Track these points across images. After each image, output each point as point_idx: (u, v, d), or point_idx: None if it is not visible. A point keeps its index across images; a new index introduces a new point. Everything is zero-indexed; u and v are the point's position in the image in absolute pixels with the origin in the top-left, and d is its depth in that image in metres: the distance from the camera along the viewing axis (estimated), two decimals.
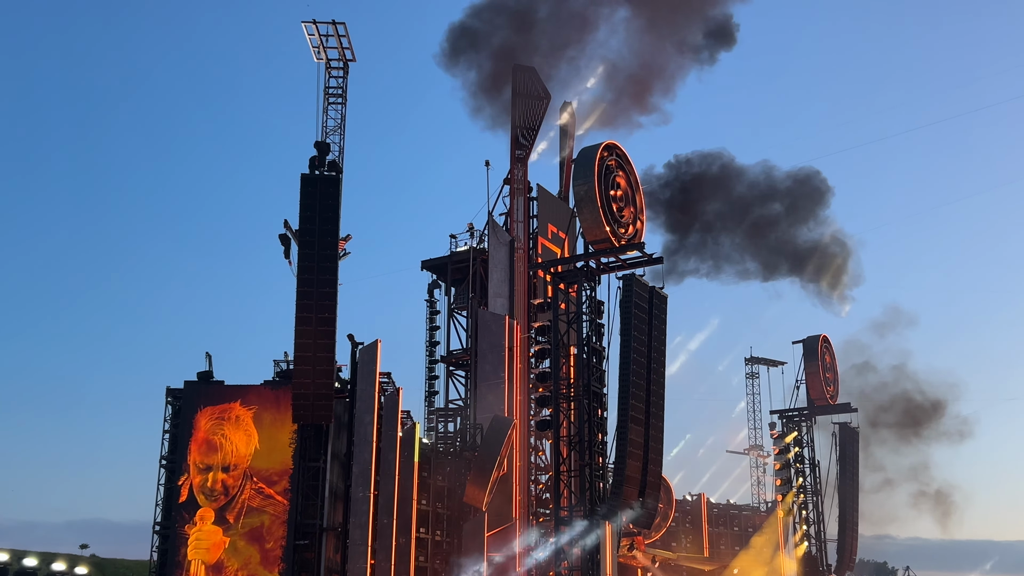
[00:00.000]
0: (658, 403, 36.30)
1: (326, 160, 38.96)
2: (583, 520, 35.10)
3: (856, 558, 67.58)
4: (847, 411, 64.60)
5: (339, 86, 40.44)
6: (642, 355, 35.70)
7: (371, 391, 36.48)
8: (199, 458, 37.28)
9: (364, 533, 35.22)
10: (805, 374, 64.91)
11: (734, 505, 67.61)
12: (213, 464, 37.15)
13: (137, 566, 63.31)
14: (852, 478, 63.95)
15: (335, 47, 40.00)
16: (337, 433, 37.20)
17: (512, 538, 38.72)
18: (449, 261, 45.26)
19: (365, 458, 35.97)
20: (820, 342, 64.94)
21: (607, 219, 36.89)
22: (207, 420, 37.64)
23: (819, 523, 64.14)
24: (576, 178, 37.67)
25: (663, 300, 36.95)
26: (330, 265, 36.74)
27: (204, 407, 37.82)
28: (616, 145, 38.79)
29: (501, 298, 42.34)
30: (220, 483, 36.92)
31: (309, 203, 37.05)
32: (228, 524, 36.54)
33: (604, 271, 37.51)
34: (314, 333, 35.95)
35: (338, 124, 39.96)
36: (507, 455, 38.40)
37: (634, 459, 34.93)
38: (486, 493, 37.16)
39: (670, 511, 55.85)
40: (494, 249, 43.24)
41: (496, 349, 40.78)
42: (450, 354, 44.98)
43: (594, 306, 37.07)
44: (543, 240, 44.88)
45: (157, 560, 37.27)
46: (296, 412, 36.47)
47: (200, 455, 37.31)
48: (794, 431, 63.91)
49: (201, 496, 36.91)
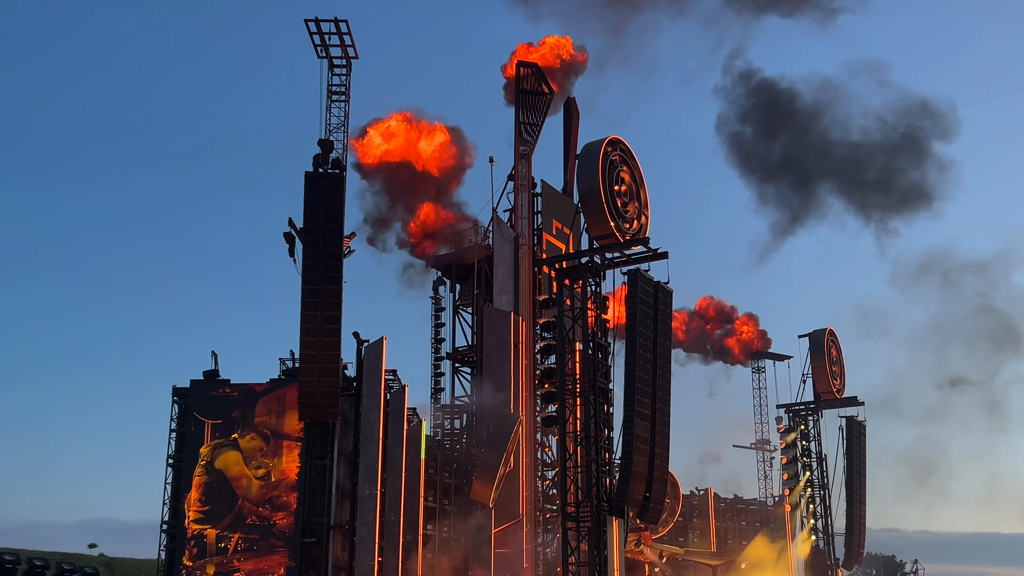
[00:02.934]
0: (664, 398, 36.26)
1: (330, 158, 38.99)
2: (590, 516, 35.09)
3: (864, 552, 67.43)
4: (854, 404, 64.44)
5: (342, 84, 40.46)
6: (648, 350, 35.65)
7: (377, 389, 36.50)
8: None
9: (371, 530, 35.27)
10: (811, 368, 64.73)
11: (741, 499, 67.49)
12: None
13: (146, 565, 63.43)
14: (860, 472, 63.76)
15: (337, 44, 40.01)
16: (343, 431, 37.26)
17: (519, 534, 38.74)
18: (454, 258, 45.27)
19: (372, 455, 36.00)
20: (826, 336, 64.73)
21: (611, 214, 36.83)
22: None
23: (827, 517, 63.99)
24: (580, 174, 37.63)
25: (668, 295, 36.88)
26: (335, 263, 36.79)
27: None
28: (620, 140, 38.72)
29: (506, 294, 42.31)
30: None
31: (313, 201, 37.12)
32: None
33: (609, 266, 37.45)
34: (319, 331, 36.01)
35: (341, 122, 40.00)
36: (513, 451, 38.40)
37: (640, 454, 34.90)
38: (493, 489, 37.17)
39: (677, 506, 55.76)
40: (499, 246, 43.22)
41: (502, 346, 40.76)
42: (456, 351, 44.98)
43: (599, 301, 37.04)
44: (548, 236, 44.82)
45: (165, 559, 37.37)
46: (302, 410, 36.53)
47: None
48: (801, 425, 63.78)
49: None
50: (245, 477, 37.23)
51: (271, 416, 37.67)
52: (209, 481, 37.31)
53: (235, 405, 38.02)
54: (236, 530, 36.70)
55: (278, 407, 37.69)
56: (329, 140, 39.33)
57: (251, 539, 36.57)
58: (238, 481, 37.20)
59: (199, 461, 37.49)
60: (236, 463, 37.34)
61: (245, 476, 37.24)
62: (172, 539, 37.25)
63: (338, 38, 39.74)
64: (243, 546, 36.55)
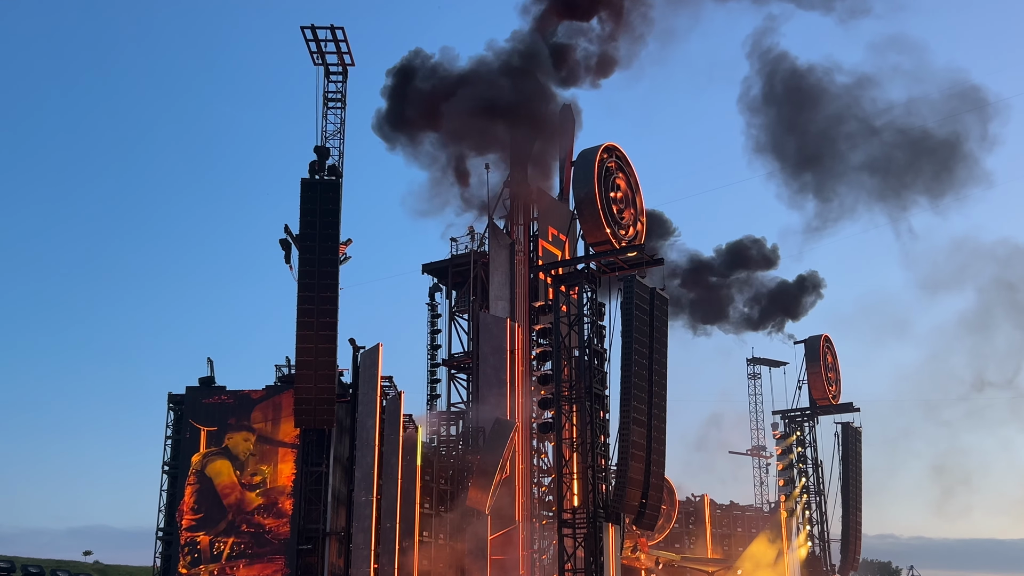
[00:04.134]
0: (660, 404, 36.30)
1: (326, 165, 39.03)
2: (586, 522, 35.09)
3: (860, 558, 67.50)
4: (849, 411, 64.54)
5: (338, 91, 40.52)
6: (643, 356, 35.70)
7: (373, 395, 36.50)
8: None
9: (367, 537, 35.23)
10: (807, 374, 64.80)
11: (737, 506, 67.52)
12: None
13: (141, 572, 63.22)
14: (855, 478, 63.88)
15: (334, 52, 40.07)
16: (339, 437, 37.23)
17: (515, 540, 38.73)
18: (450, 264, 45.26)
19: (368, 462, 35.97)
20: (822, 342, 64.84)
21: (607, 221, 36.91)
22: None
23: (822, 523, 64.07)
24: (576, 180, 37.70)
25: (664, 301, 36.96)
26: (331, 270, 36.81)
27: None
28: (615, 147, 38.82)
29: (502, 301, 42.35)
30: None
31: (309, 208, 37.13)
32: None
33: (605, 273, 37.52)
34: (316, 338, 35.99)
35: (338, 129, 40.05)
36: (509, 458, 38.41)
37: (636, 460, 34.94)
38: (489, 496, 37.16)
39: (673, 512, 55.79)
40: (495, 252, 43.25)
41: (498, 352, 40.79)
42: (452, 357, 44.97)
43: (595, 308, 37.08)
44: (544, 243, 44.88)
45: (160, 566, 37.30)
46: (298, 417, 36.49)
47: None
48: (796, 431, 63.85)
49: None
50: (236, 484, 37.16)
51: (267, 423, 37.63)
52: (201, 488, 37.25)
53: (231, 412, 37.98)
54: (230, 536, 36.64)
55: (274, 414, 37.65)
56: (325, 147, 39.36)
57: (246, 546, 36.50)
58: (228, 489, 37.13)
59: (191, 469, 37.45)
60: (227, 471, 37.28)
61: (236, 483, 37.16)
62: (167, 546, 37.19)
63: (334, 45, 39.81)
64: (237, 552, 36.48)
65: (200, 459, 37.54)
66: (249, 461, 37.26)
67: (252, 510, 36.83)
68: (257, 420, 37.67)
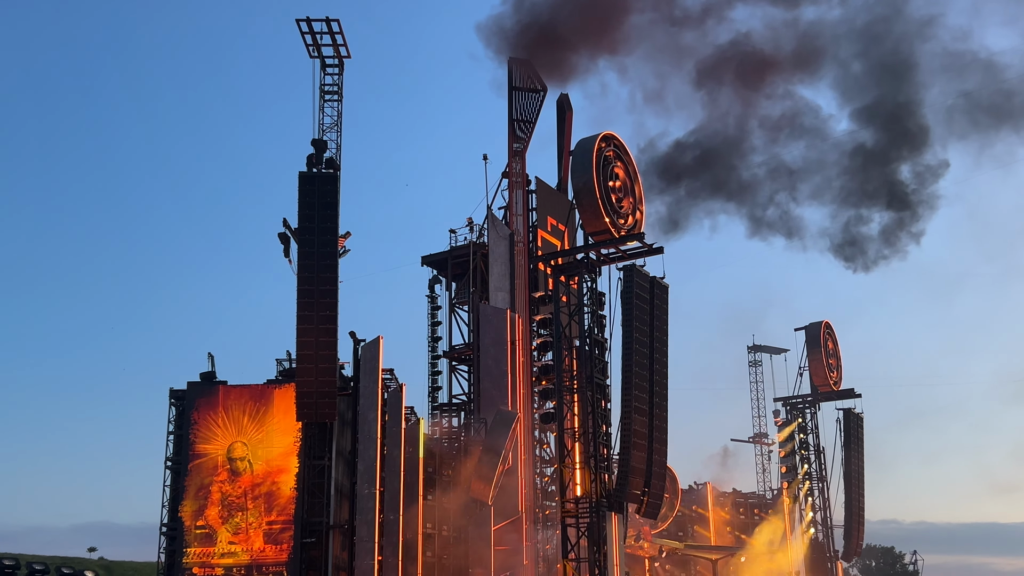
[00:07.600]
0: (661, 393, 36.27)
1: (323, 158, 38.95)
2: (589, 512, 35.12)
3: (863, 544, 67.65)
4: (851, 397, 64.59)
5: (335, 83, 40.42)
6: (644, 345, 35.65)
7: (374, 388, 36.48)
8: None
9: (371, 530, 35.25)
10: (808, 361, 64.84)
11: (740, 493, 67.64)
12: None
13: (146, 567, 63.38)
14: (857, 464, 63.94)
15: (329, 44, 39.95)
16: (341, 430, 37.23)
17: (518, 531, 38.78)
18: (449, 256, 45.23)
19: (370, 455, 35.98)
20: (823, 328, 64.88)
21: (606, 210, 36.82)
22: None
23: (825, 510, 64.16)
24: (574, 170, 37.60)
25: (664, 290, 36.89)
26: (330, 263, 36.77)
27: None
28: (614, 136, 38.72)
29: (502, 292, 42.34)
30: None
31: (307, 201, 37.06)
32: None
33: (604, 262, 37.44)
34: (316, 331, 35.97)
35: (335, 121, 39.96)
36: (512, 449, 38.41)
37: (639, 449, 34.93)
38: (492, 487, 37.18)
39: (676, 501, 55.86)
40: (494, 243, 43.22)
41: (498, 343, 40.78)
42: (452, 349, 44.98)
43: (595, 297, 37.04)
44: (543, 233, 44.85)
45: (165, 561, 37.35)
46: (300, 410, 36.49)
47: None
48: (798, 418, 63.90)
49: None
50: (239, 479, 37.17)
51: (269, 417, 37.60)
52: (203, 483, 37.27)
53: (232, 406, 37.93)
54: (233, 531, 36.68)
55: (276, 408, 37.60)
56: (323, 140, 39.29)
57: (249, 540, 36.54)
58: (231, 483, 37.15)
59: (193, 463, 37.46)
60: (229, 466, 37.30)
61: (238, 478, 37.18)
62: (171, 541, 37.22)
63: (330, 38, 39.70)
64: (242, 547, 36.52)
65: (203, 451, 37.53)
66: (251, 456, 37.27)
67: (255, 504, 36.85)
68: (259, 414, 37.67)
